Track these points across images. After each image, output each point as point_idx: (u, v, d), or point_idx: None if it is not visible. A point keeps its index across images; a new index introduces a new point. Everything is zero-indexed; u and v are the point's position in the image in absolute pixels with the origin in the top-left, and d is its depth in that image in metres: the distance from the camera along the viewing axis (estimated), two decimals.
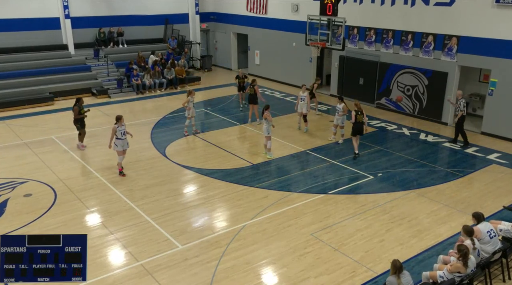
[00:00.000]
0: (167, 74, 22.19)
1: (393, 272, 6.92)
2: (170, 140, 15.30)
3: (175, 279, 8.18)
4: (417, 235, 9.64)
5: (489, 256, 7.93)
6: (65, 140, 15.17)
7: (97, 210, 10.71)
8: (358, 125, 13.41)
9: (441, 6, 16.31)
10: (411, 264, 8.59)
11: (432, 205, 10.92)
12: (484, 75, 17.11)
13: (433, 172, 12.81)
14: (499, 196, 11.39)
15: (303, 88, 16.04)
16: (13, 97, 18.92)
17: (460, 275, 7.30)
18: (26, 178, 12.27)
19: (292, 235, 9.57)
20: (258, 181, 12.19)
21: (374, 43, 18.82)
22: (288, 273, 8.37)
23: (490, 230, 8.10)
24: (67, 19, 22.09)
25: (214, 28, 27.58)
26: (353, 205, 10.88)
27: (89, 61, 22.48)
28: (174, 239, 9.42)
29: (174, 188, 11.85)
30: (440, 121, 16.97)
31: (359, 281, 8.13)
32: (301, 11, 21.34)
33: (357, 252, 8.98)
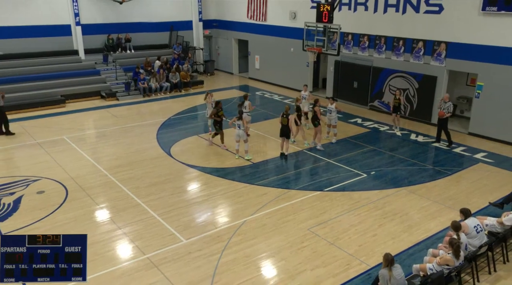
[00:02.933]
0: (172, 78, 22.19)
1: (385, 265, 6.91)
2: (175, 140, 15.28)
3: (180, 271, 8.18)
4: (408, 230, 9.63)
5: (475, 250, 7.93)
6: (76, 140, 15.15)
7: (106, 206, 10.70)
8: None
9: (431, 14, 16.31)
10: (402, 257, 8.58)
11: (422, 202, 10.91)
12: (471, 79, 17.09)
13: (423, 171, 12.80)
14: (485, 193, 11.38)
15: (305, 88, 16.26)
16: (27, 99, 18.89)
17: (448, 267, 7.29)
18: (39, 176, 12.27)
19: (290, 230, 9.56)
20: (258, 179, 12.17)
21: (368, 48, 18.81)
22: (286, 266, 8.36)
23: (477, 225, 8.10)
24: (78, 26, 22.09)
25: (216, 35, 27.57)
26: (348, 202, 10.87)
27: (98, 66, 22.45)
28: (179, 233, 9.42)
29: (178, 186, 11.83)
30: (430, 122, 16.95)
31: (353, 273, 8.12)
32: (298, 19, 21.34)
33: (351, 246, 8.97)
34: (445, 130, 14.63)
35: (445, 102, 14.27)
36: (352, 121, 17.58)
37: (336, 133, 15.05)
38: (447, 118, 14.39)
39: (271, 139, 15.32)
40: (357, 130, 16.48)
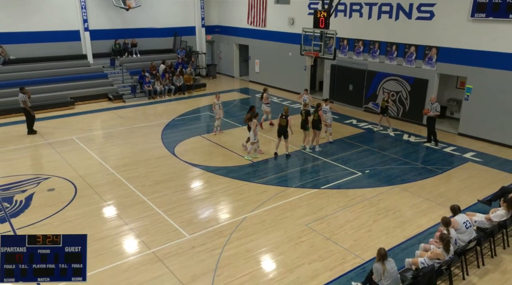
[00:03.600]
0: (176, 81, 22.19)
1: (378, 259, 6.93)
2: (178, 140, 15.28)
3: (183, 265, 8.18)
4: (401, 225, 9.64)
5: (465, 245, 7.95)
6: (85, 140, 15.15)
7: (113, 203, 10.70)
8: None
9: (422, 20, 16.32)
10: (395, 251, 8.59)
11: (414, 199, 10.92)
12: (460, 82, 17.10)
13: (415, 169, 12.80)
14: (474, 190, 11.39)
15: (305, 92, 16.48)
16: (38, 102, 18.86)
17: (439, 261, 7.31)
18: (49, 174, 12.27)
19: (289, 226, 9.57)
20: (258, 177, 12.18)
21: (362, 53, 18.81)
22: (285, 260, 8.37)
23: (466, 221, 8.11)
24: (86, 31, 22.08)
25: (218, 40, 27.57)
26: (343, 199, 10.88)
27: (106, 69, 22.45)
28: (182, 229, 9.42)
29: (182, 184, 11.84)
30: (421, 123, 16.94)
31: (348, 267, 8.13)
32: (296, 24, 21.35)
33: (347, 241, 8.98)
34: (432, 130, 14.68)
35: (432, 103, 14.32)
36: (347, 122, 17.58)
37: (331, 132, 15.08)
38: (434, 118, 14.44)
39: (271, 140, 15.33)
40: (352, 131, 16.49)
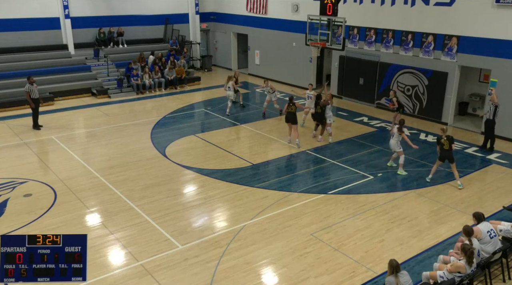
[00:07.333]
0: (168, 74, 22.20)
1: (390, 272, 6.93)
2: (170, 140, 15.29)
3: (175, 279, 8.18)
4: (417, 235, 9.64)
5: (489, 256, 7.94)
6: (65, 140, 15.16)
7: (97, 210, 10.70)
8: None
9: (441, 6, 16.31)
10: (411, 264, 8.59)
11: (432, 205, 10.92)
12: (484, 75, 17.11)
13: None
14: (499, 196, 11.39)
15: (310, 87, 16.39)
16: (13, 97, 18.90)
17: (460, 275, 7.30)
18: (26, 178, 12.27)
19: (292, 235, 9.57)
20: (258, 181, 12.18)
21: (374, 43, 18.82)
22: (288, 273, 8.37)
23: (490, 230, 8.10)
24: (67, 19, 22.08)
25: (214, 28, 27.59)
26: (353, 205, 10.88)
27: (89, 61, 22.47)
28: (174, 239, 9.42)
29: (174, 188, 11.84)
30: (440, 121, 16.95)
31: (359, 281, 8.13)
32: (301, 11, 21.35)
33: (357, 252, 8.99)
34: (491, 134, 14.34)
35: (492, 104, 14.09)
36: (357, 120, 17.59)
37: (331, 132, 15.15)
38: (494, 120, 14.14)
39: (272, 139, 15.34)
40: (363, 130, 16.50)
